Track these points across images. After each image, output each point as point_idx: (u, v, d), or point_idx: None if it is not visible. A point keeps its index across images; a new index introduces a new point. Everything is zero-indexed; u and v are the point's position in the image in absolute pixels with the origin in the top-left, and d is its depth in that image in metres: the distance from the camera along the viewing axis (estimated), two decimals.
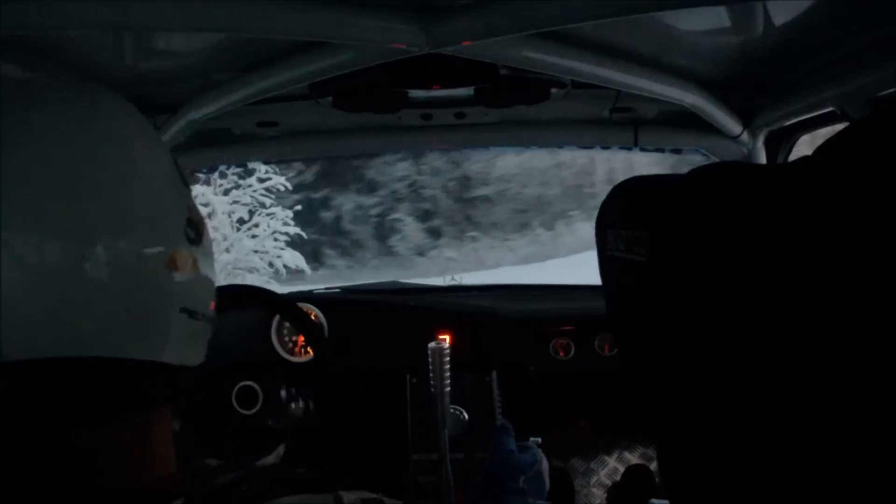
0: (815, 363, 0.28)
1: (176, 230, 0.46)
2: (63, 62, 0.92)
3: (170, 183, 0.48)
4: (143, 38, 0.92)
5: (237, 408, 1.25)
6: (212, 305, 0.51)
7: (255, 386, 1.21)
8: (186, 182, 0.51)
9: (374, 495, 0.46)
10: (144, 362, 0.43)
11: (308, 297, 1.66)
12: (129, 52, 0.96)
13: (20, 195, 0.38)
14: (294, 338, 1.58)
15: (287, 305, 1.27)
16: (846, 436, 0.28)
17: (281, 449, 0.68)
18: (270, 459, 0.64)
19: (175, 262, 0.45)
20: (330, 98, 1.15)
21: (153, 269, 0.43)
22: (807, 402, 0.29)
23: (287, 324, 1.58)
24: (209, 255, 0.51)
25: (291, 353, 1.58)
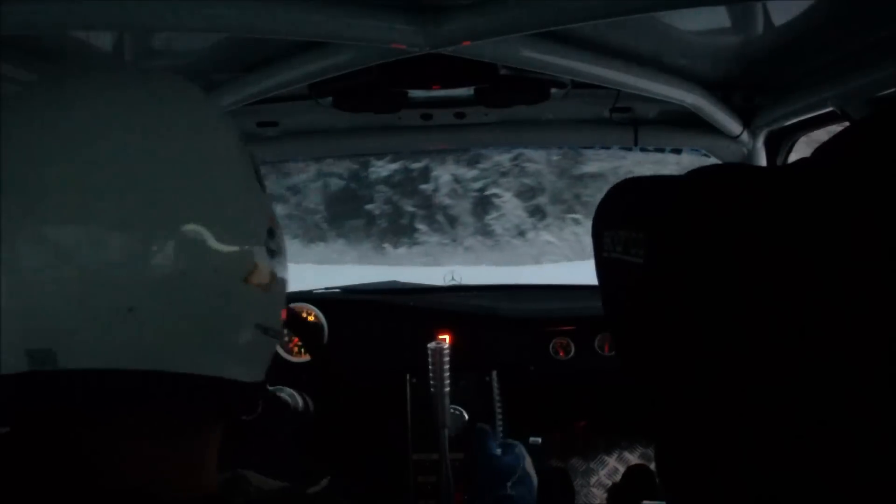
0: (815, 364, 0.28)
1: (257, 241, 0.43)
2: (63, 62, 0.92)
3: (252, 188, 0.45)
4: (143, 38, 0.92)
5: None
6: (283, 314, 0.49)
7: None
8: (265, 188, 0.48)
9: None
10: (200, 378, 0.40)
11: (308, 297, 1.66)
12: (129, 52, 0.96)
13: (90, 199, 0.36)
14: (293, 337, 1.58)
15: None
16: (845, 436, 0.28)
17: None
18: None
19: (254, 275, 0.42)
20: (330, 98, 1.15)
21: (231, 281, 0.41)
22: (806, 403, 0.29)
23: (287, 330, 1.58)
24: (285, 266, 0.48)
25: (290, 352, 1.58)
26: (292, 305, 1.55)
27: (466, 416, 1.47)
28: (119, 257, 0.37)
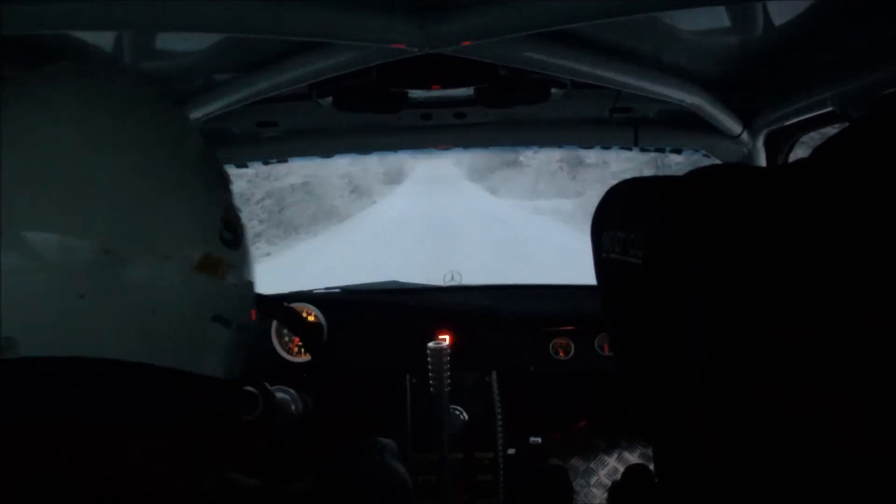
0: (815, 364, 0.28)
1: (209, 231, 0.44)
2: (63, 62, 0.91)
3: (203, 179, 0.45)
4: (143, 38, 0.92)
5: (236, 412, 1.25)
6: (252, 315, 0.49)
7: (255, 391, 1.21)
8: (225, 180, 0.48)
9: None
10: (158, 371, 0.41)
11: (308, 296, 1.66)
12: (129, 52, 0.96)
13: (38, 190, 0.37)
14: (293, 337, 1.59)
15: (275, 307, 1.27)
16: (844, 436, 0.28)
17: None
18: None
19: (207, 265, 0.43)
20: (330, 98, 1.15)
21: (181, 271, 0.41)
22: (804, 403, 0.29)
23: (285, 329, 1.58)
24: (248, 260, 0.48)
25: (291, 353, 1.58)
26: (292, 305, 1.55)
27: (466, 416, 1.47)
28: (66, 247, 0.38)
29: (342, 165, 18.15)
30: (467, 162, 29.06)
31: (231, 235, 0.45)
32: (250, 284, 0.49)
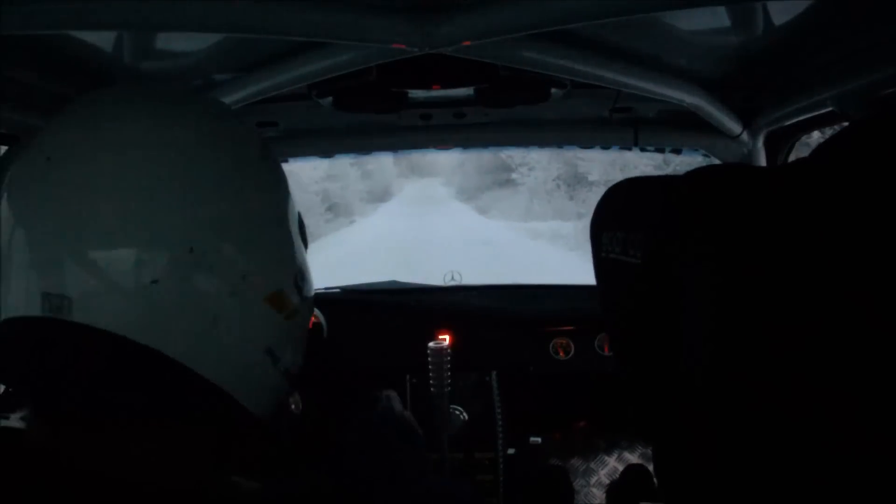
0: (815, 364, 0.28)
1: (287, 272, 0.47)
2: (63, 62, 0.92)
3: (292, 228, 0.50)
4: (143, 38, 0.92)
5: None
6: (294, 369, 0.51)
7: None
8: (306, 244, 0.53)
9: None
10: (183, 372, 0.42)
11: None
12: (129, 52, 0.96)
13: (121, 205, 0.40)
14: None
15: None
16: (844, 437, 0.28)
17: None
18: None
19: (276, 299, 0.45)
20: (330, 98, 1.15)
21: (252, 294, 0.44)
22: (804, 404, 0.29)
23: None
24: (306, 316, 0.51)
25: None
26: None
27: (466, 416, 1.47)
28: (152, 235, 0.40)
29: (316, 180, 17.15)
30: (457, 182, 28.06)
31: (303, 285, 0.49)
32: (303, 338, 0.52)
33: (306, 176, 16.54)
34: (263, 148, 0.49)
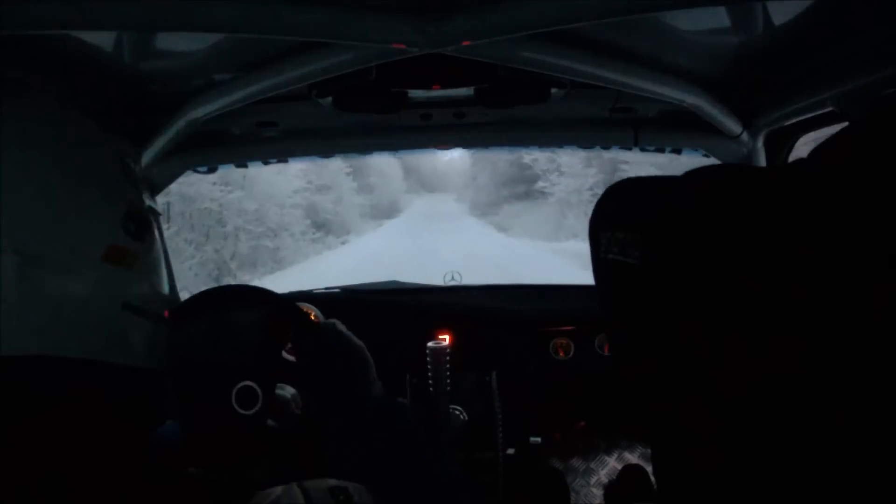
0: (812, 365, 0.28)
1: (110, 223, 0.46)
2: (63, 62, 0.92)
3: (104, 183, 0.48)
4: (143, 38, 0.92)
5: (237, 408, 1.26)
6: (165, 313, 0.51)
7: (255, 386, 1.22)
8: (131, 176, 0.50)
9: (341, 483, 0.47)
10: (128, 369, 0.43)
11: (308, 296, 1.66)
12: (129, 52, 0.96)
13: None
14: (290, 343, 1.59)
15: (286, 305, 1.27)
16: (841, 437, 0.28)
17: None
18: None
19: (113, 256, 0.45)
20: (330, 98, 1.15)
21: (88, 262, 0.44)
22: (802, 404, 0.29)
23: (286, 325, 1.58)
24: (158, 253, 0.51)
25: (290, 353, 1.58)
26: (299, 304, 1.56)
27: (466, 417, 1.47)
28: None
29: (297, 190, 13.83)
30: (470, 197, 26.02)
31: (135, 226, 0.47)
32: (161, 277, 0.51)
33: (285, 186, 13.67)
34: (52, 114, 0.48)
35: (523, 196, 18.87)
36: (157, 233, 0.52)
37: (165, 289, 0.53)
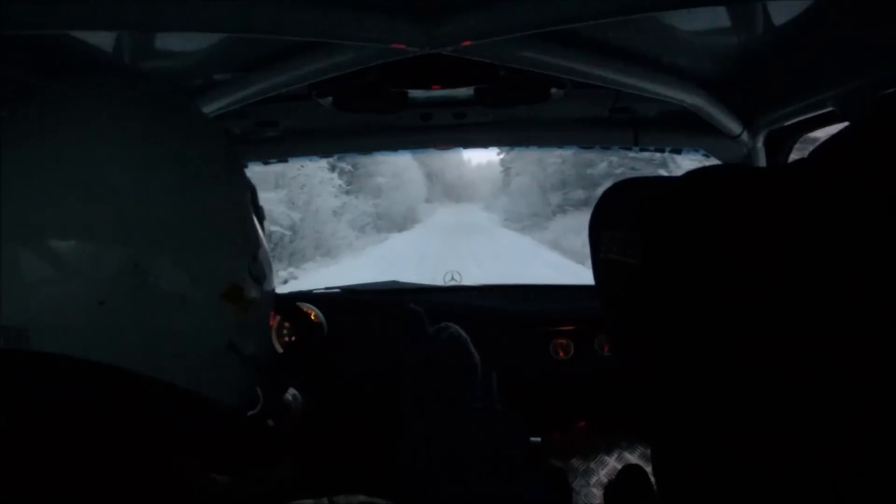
0: (812, 365, 0.28)
1: (240, 262, 0.45)
2: (63, 62, 0.92)
3: (242, 212, 0.47)
4: (143, 37, 0.92)
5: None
6: (261, 356, 0.50)
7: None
8: (261, 218, 0.51)
9: (367, 499, 0.46)
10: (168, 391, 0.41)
11: (308, 296, 1.66)
12: (129, 52, 0.96)
13: (73, 197, 0.38)
14: (293, 337, 1.59)
15: (287, 305, 1.27)
16: (839, 438, 0.28)
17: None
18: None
19: (232, 295, 0.44)
20: (330, 98, 1.15)
21: (206, 295, 0.43)
22: (802, 405, 0.29)
23: (287, 323, 1.58)
24: (269, 301, 0.50)
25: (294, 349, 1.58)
26: (297, 304, 1.56)
27: None
28: (95, 256, 0.38)
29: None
30: (501, 206, 21.44)
31: (259, 271, 0.47)
32: (267, 317, 0.51)
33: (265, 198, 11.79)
34: (208, 140, 0.47)
35: (582, 204, 14.45)
36: (271, 281, 0.51)
37: (269, 330, 0.52)
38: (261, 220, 0.51)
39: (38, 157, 0.39)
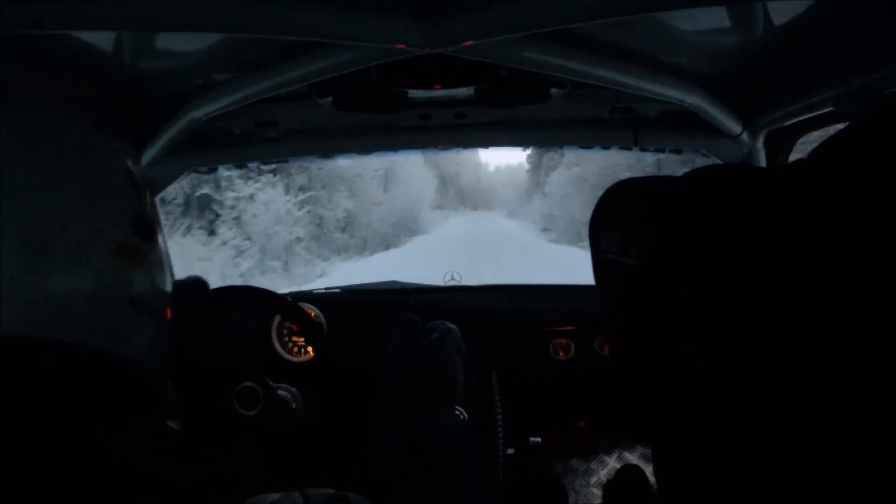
0: (812, 365, 0.28)
1: (122, 223, 0.49)
2: (63, 62, 0.92)
3: (116, 189, 0.51)
4: (143, 38, 0.92)
5: (238, 409, 1.26)
6: (168, 313, 0.54)
7: (256, 387, 1.22)
8: (138, 185, 0.54)
9: (340, 492, 0.48)
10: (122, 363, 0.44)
11: (308, 296, 1.66)
12: (129, 52, 0.96)
13: None
14: (294, 338, 1.59)
15: (288, 305, 1.27)
16: (839, 438, 0.28)
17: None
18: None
19: (122, 251, 0.48)
20: (330, 98, 1.15)
21: (98, 255, 0.46)
22: (802, 406, 0.29)
23: (287, 324, 1.58)
24: (162, 258, 0.54)
25: (291, 353, 1.58)
26: (299, 304, 1.56)
27: (466, 416, 1.47)
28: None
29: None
30: (537, 209, 16.30)
31: (145, 230, 0.52)
32: (165, 277, 0.55)
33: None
34: (62, 125, 0.50)
35: None
36: (161, 236, 0.55)
37: (168, 287, 0.55)
38: (137, 184, 0.55)
39: None
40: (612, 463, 1.65)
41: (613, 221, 0.44)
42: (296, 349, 1.58)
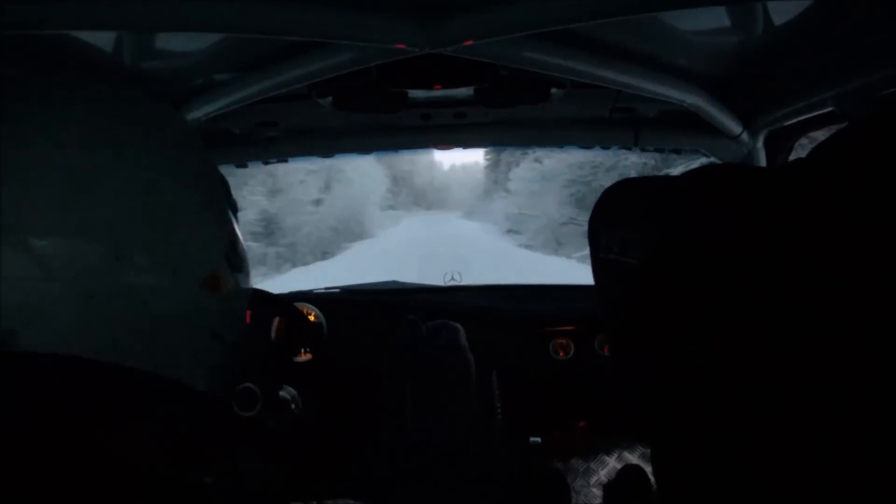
0: (812, 365, 0.28)
1: (217, 251, 0.47)
2: (63, 62, 0.92)
3: (217, 206, 0.49)
4: (143, 38, 0.92)
5: (237, 410, 1.26)
6: (241, 342, 0.52)
7: (255, 388, 1.22)
8: (235, 209, 0.52)
9: (356, 503, 0.47)
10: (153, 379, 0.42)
11: (308, 296, 1.66)
12: (129, 52, 0.96)
13: (50, 193, 0.39)
14: (294, 339, 1.59)
15: (286, 306, 1.27)
16: (839, 438, 0.28)
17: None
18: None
19: (211, 283, 0.45)
20: (330, 98, 1.15)
21: (187, 285, 0.43)
22: (801, 405, 0.29)
23: (287, 325, 1.58)
24: (247, 281, 0.52)
25: (291, 353, 1.58)
26: (295, 304, 1.56)
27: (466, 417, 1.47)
28: (79, 252, 0.39)
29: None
30: (500, 208, 14.92)
31: (236, 259, 0.49)
32: (245, 306, 0.52)
33: None
34: (180, 136, 0.48)
35: None
36: (248, 266, 0.52)
37: (244, 317, 0.53)
38: (234, 211, 0.52)
39: (15, 157, 0.39)
40: (612, 463, 1.65)
41: (614, 221, 0.44)
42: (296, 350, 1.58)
